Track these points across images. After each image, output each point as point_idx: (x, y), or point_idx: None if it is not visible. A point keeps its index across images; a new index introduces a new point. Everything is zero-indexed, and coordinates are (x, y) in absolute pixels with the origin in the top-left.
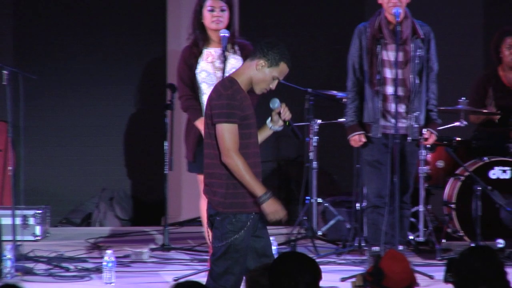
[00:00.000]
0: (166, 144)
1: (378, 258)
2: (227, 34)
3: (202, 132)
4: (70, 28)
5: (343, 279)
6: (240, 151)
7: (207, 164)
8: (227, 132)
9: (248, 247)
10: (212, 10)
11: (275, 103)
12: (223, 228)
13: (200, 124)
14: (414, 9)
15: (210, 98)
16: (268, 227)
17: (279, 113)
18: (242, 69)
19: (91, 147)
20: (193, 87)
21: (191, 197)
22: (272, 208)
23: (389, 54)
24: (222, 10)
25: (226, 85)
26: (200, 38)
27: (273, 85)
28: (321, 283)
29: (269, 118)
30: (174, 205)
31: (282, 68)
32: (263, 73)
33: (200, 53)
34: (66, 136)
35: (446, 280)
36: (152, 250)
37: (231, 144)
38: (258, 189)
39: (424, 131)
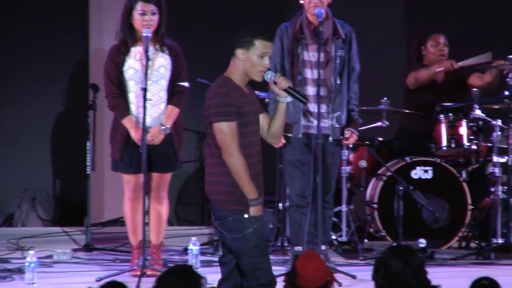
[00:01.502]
0: (88, 144)
1: (295, 258)
2: (149, 34)
3: (130, 130)
4: None
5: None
6: (241, 150)
7: (208, 163)
8: (227, 130)
9: (265, 240)
10: (143, 14)
11: (267, 75)
12: (238, 226)
13: (127, 122)
14: (335, 9)
15: (206, 99)
16: (190, 227)
17: (275, 83)
18: (231, 68)
19: (13, 147)
20: (120, 86)
21: (113, 198)
22: (258, 214)
23: (310, 55)
24: (153, 14)
25: (220, 83)
26: (129, 37)
27: (265, 63)
28: None
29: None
30: (97, 206)
31: (260, 45)
32: (248, 60)
33: (128, 51)
34: None
35: (373, 277)
36: (75, 250)
37: (232, 142)
38: (252, 192)
39: (346, 131)
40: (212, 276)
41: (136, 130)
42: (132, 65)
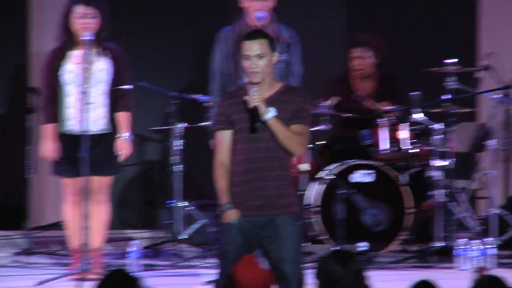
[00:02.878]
0: (28, 148)
1: (236, 262)
2: (90, 37)
3: (43, 138)
4: None
5: (207, 283)
6: (234, 157)
7: None
8: (214, 140)
9: (232, 250)
10: (82, 17)
11: (251, 90)
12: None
13: (46, 129)
14: (279, 13)
15: None
16: (131, 231)
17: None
18: None
19: None
20: (56, 89)
21: (54, 201)
22: (226, 219)
23: None
24: (93, 17)
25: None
26: (68, 41)
27: (246, 65)
28: (185, 287)
29: None
30: (37, 209)
31: (242, 47)
32: None
33: (67, 55)
34: None
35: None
36: (15, 254)
37: (216, 151)
38: (220, 198)
39: None
40: (154, 279)
41: (50, 140)
42: (70, 69)
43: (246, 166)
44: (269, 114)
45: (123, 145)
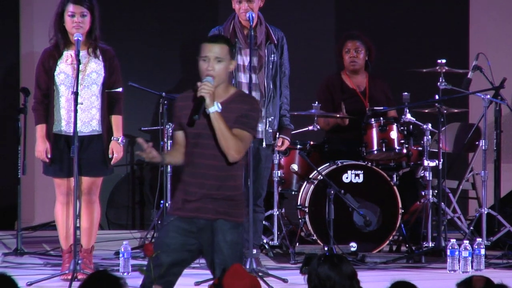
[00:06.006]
0: (19, 148)
1: (223, 272)
2: (80, 38)
3: (37, 138)
4: None
5: (198, 283)
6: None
7: None
8: None
9: (162, 245)
10: (72, 16)
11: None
12: None
13: (38, 130)
14: (267, 14)
15: None
16: (121, 231)
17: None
18: None
19: None
20: (48, 91)
21: (44, 201)
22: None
23: (243, 59)
24: (83, 16)
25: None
26: (61, 41)
27: (203, 67)
28: (175, 287)
29: None
30: (28, 209)
31: (201, 47)
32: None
33: (60, 55)
34: None
35: (301, 272)
36: (5, 254)
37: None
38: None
39: (277, 137)
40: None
41: (41, 141)
42: (63, 70)
43: (191, 169)
44: (213, 108)
45: (116, 149)
